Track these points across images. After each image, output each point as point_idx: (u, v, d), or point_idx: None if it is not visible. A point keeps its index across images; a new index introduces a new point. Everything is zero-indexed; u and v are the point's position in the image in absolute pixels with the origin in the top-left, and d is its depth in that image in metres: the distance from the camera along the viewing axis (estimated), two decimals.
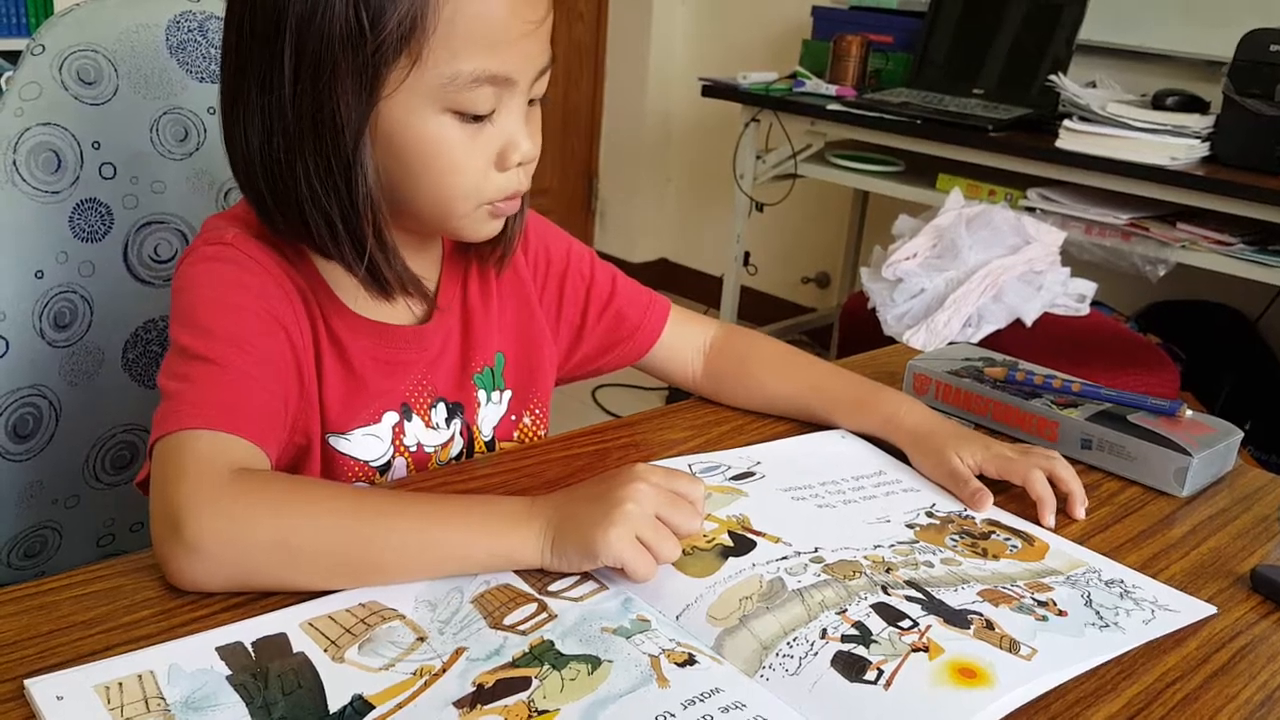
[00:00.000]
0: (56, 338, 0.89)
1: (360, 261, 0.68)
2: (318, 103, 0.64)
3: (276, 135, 0.66)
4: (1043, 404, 0.89)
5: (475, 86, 0.65)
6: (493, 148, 0.68)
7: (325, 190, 0.66)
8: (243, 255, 0.70)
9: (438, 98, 0.65)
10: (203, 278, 0.69)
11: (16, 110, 0.85)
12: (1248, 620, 0.67)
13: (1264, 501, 0.83)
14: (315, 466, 0.74)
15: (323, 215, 0.67)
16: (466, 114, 0.66)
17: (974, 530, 0.72)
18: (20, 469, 0.90)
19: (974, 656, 0.56)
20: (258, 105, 0.66)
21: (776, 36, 3.09)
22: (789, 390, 0.90)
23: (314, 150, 0.65)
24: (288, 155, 0.66)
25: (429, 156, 0.67)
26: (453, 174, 0.67)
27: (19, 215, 0.85)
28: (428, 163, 0.67)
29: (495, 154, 0.68)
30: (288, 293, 0.71)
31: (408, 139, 0.66)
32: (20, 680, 0.52)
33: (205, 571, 0.58)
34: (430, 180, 0.68)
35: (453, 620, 0.57)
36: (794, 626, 0.57)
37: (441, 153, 0.67)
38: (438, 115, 0.65)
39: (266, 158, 0.67)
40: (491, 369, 0.82)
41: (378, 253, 0.68)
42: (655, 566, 0.61)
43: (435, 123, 0.66)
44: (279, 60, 0.64)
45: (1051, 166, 2.15)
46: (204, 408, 0.62)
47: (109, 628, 0.57)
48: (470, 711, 0.51)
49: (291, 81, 0.64)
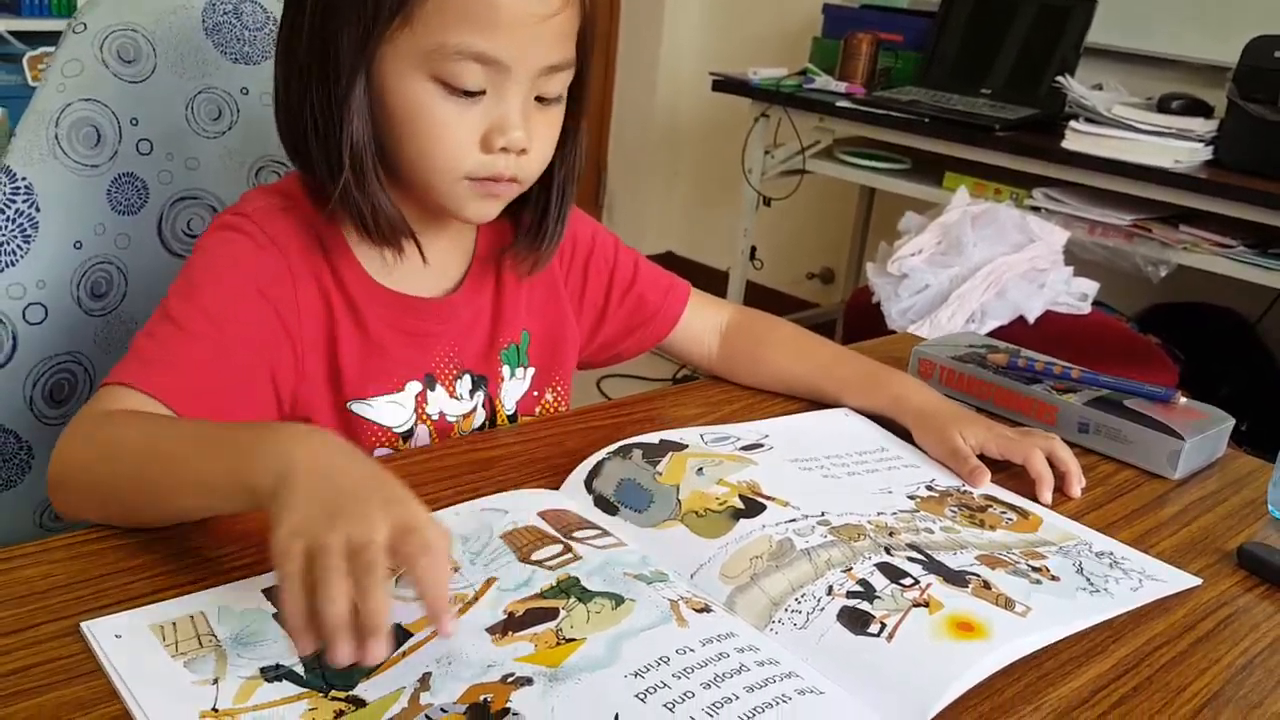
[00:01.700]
0: (93, 306, 0.92)
1: (346, 204, 0.71)
2: (323, 47, 0.69)
3: (294, 77, 0.71)
4: (1043, 389, 0.93)
5: (459, 60, 0.68)
6: (480, 127, 0.70)
7: (321, 131, 0.71)
8: (255, 228, 0.74)
9: (424, 63, 0.68)
10: (207, 247, 0.74)
11: (59, 86, 0.89)
12: (1233, 593, 0.70)
13: (1253, 485, 0.86)
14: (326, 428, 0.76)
15: (322, 155, 0.71)
16: (453, 87, 0.69)
17: (972, 504, 0.76)
18: (55, 433, 0.93)
19: (972, 612, 0.59)
20: (285, 49, 0.72)
21: (787, 33, 3.12)
22: (800, 371, 0.93)
23: (318, 91, 0.70)
24: (299, 96, 0.71)
25: (410, 119, 0.70)
26: (431, 141, 0.70)
27: (60, 187, 0.89)
28: (408, 125, 0.70)
29: (482, 133, 0.71)
30: (294, 269, 0.74)
31: (394, 98, 0.70)
32: (75, 619, 0.55)
33: (58, 502, 0.65)
34: (411, 144, 0.71)
35: (483, 553, 0.61)
36: (802, 583, 0.61)
37: (421, 117, 0.70)
38: (423, 81, 0.69)
39: (285, 98, 0.73)
40: (517, 346, 0.86)
41: (357, 193, 0.71)
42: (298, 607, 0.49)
43: (420, 88, 0.69)
44: (304, 6, 0.70)
45: (1057, 167, 2.18)
46: (148, 370, 0.67)
47: (156, 573, 0.60)
48: (502, 637, 0.54)
49: (307, 27, 0.70)
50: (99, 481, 0.63)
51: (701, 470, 0.72)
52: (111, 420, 0.65)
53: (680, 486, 0.71)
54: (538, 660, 0.53)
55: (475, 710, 0.49)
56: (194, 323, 0.69)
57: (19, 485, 0.93)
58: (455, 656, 0.53)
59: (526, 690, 0.51)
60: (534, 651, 0.54)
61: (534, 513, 0.67)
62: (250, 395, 0.71)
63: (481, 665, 0.52)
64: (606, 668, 0.53)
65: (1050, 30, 2.40)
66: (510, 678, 0.52)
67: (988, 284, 2.03)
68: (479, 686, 0.51)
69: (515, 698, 0.50)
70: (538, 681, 0.51)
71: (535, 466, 0.77)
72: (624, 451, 0.75)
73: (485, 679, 0.52)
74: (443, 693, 0.51)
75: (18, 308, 0.88)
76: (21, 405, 0.90)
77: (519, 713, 0.49)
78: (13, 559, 0.60)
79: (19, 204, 0.87)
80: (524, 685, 0.51)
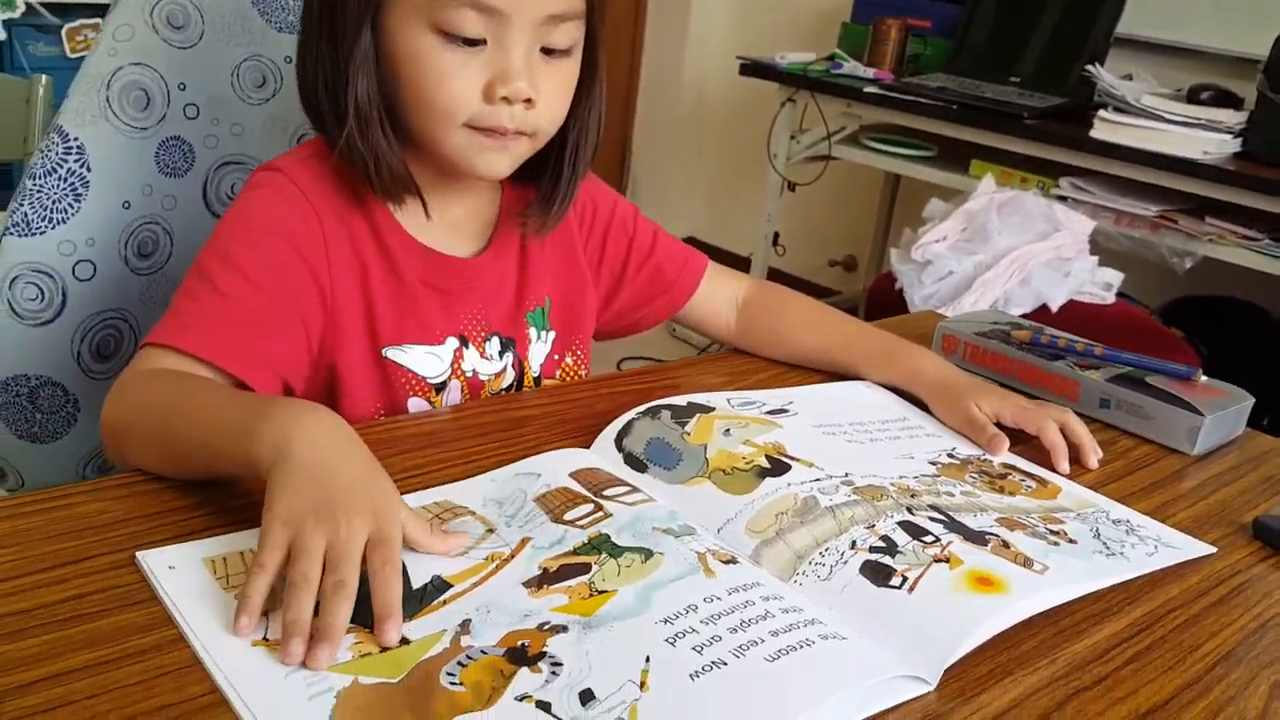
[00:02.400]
0: (139, 265, 0.95)
1: (350, 155, 0.74)
2: (331, 7, 0.73)
3: (308, 38, 0.75)
4: (1065, 365, 0.94)
5: (457, 8, 0.70)
6: (483, 77, 0.72)
7: (330, 86, 0.74)
8: (285, 181, 0.77)
9: (425, 14, 0.71)
10: (242, 205, 0.77)
11: (110, 50, 0.91)
12: (1247, 562, 0.72)
13: (1271, 463, 0.88)
14: (361, 377, 0.79)
15: (331, 108, 0.75)
16: (453, 35, 0.71)
17: (991, 471, 0.77)
18: (101, 387, 0.97)
19: (991, 568, 0.61)
20: (303, 12, 0.76)
21: (816, 18, 3.12)
22: (819, 343, 0.95)
23: (326, 49, 0.74)
24: (313, 54, 0.75)
25: (413, 70, 0.72)
26: (432, 90, 0.72)
27: (110, 148, 0.91)
28: (412, 76, 0.73)
29: (484, 83, 0.72)
30: (324, 220, 0.77)
31: (399, 51, 0.72)
32: (129, 551, 0.58)
33: (109, 455, 0.69)
34: (414, 95, 0.73)
35: (518, 515, 0.63)
36: (826, 538, 0.63)
37: (424, 67, 0.72)
38: (426, 32, 0.71)
39: (300, 56, 0.76)
40: (542, 309, 0.88)
41: (361, 144, 0.74)
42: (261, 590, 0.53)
43: (423, 39, 0.71)
44: None
45: (1084, 156, 2.18)
46: (186, 328, 0.70)
47: (208, 512, 0.63)
48: (538, 590, 0.57)
49: None
50: (137, 439, 0.67)
51: (729, 431, 0.74)
52: (146, 381, 0.69)
53: (708, 446, 0.73)
54: (572, 610, 0.55)
55: (513, 653, 0.52)
56: (229, 280, 0.72)
57: (64, 437, 0.96)
58: (494, 606, 0.55)
59: (562, 636, 0.53)
60: (568, 602, 0.56)
61: (566, 473, 0.69)
62: (283, 347, 0.74)
63: (519, 614, 0.55)
64: (638, 616, 0.55)
65: (1081, 19, 2.40)
66: (546, 625, 0.54)
67: (1012, 271, 2.03)
68: (516, 633, 0.54)
69: (551, 643, 0.53)
70: (572, 629, 0.54)
71: (566, 427, 0.79)
72: (653, 412, 0.77)
73: (522, 626, 0.54)
74: (482, 637, 0.53)
75: (68, 264, 0.91)
76: (69, 359, 0.94)
77: (556, 656, 0.52)
78: (69, 495, 0.63)
79: (70, 163, 0.90)
80: (559, 632, 0.54)
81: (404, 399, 0.80)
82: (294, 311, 0.75)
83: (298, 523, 0.55)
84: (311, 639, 0.51)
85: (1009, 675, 0.56)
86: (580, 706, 0.49)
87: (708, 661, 0.52)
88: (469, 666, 0.51)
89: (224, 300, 0.72)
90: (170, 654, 0.51)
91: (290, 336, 0.74)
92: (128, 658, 0.50)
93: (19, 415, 0.93)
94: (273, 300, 0.73)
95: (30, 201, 0.89)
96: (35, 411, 0.94)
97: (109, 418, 0.68)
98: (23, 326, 0.90)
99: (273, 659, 0.50)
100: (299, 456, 0.57)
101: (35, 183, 0.89)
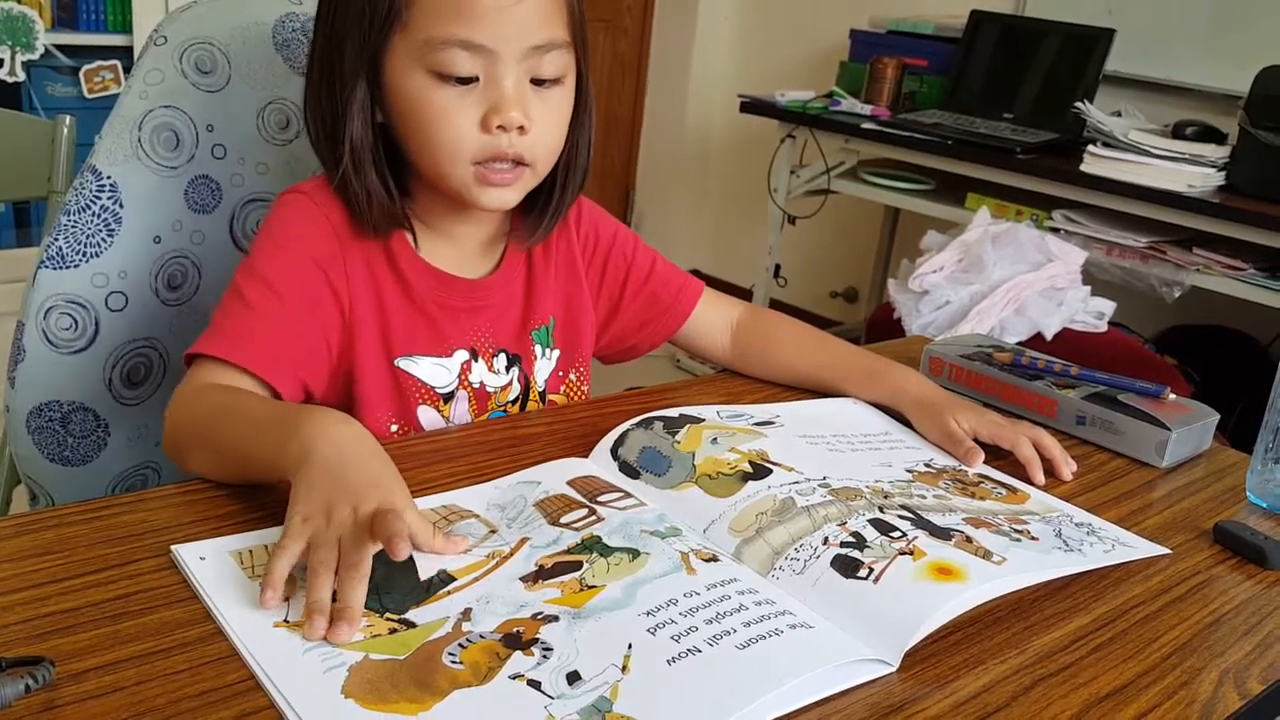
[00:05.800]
0: (169, 297, 1.02)
1: (345, 191, 0.82)
2: (330, 60, 0.80)
3: (310, 87, 0.83)
4: (1044, 385, 0.99)
5: (446, 49, 0.76)
6: (478, 110, 0.78)
7: (329, 131, 0.81)
8: (307, 201, 0.84)
9: (420, 59, 0.78)
10: (268, 223, 0.84)
11: (141, 93, 0.98)
12: (1207, 564, 0.77)
13: (1235, 474, 0.93)
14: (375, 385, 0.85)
15: (329, 151, 0.82)
16: (447, 75, 0.77)
17: (965, 479, 0.82)
18: (130, 413, 1.03)
19: (951, 559, 0.66)
20: (307, 65, 0.84)
21: (815, 57, 3.21)
22: (808, 365, 1.00)
23: (325, 98, 0.81)
24: (314, 101, 0.82)
25: (414, 112, 0.79)
26: (435, 129, 0.79)
27: (142, 186, 0.98)
28: (414, 118, 0.79)
29: (480, 115, 0.78)
30: (342, 239, 0.83)
31: (400, 96, 0.79)
32: (168, 549, 0.63)
33: (169, 456, 0.76)
34: (418, 135, 0.80)
35: (518, 519, 0.68)
36: (801, 535, 0.68)
37: (423, 108, 0.78)
38: (422, 76, 0.78)
39: (305, 103, 0.84)
40: (547, 328, 0.94)
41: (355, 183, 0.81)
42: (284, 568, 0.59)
43: (421, 83, 0.78)
44: (324, 22, 0.81)
45: (1076, 189, 2.25)
46: (225, 341, 0.78)
47: (242, 520, 0.68)
48: (533, 585, 0.62)
49: (319, 43, 0.82)
50: (191, 447, 0.74)
51: (716, 440, 0.80)
52: (196, 395, 0.76)
53: (696, 454, 0.78)
54: (563, 602, 0.61)
55: (509, 638, 0.57)
56: (260, 296, 0.79)
57: (94, 461, 1.02)
58: (493, 597, 0.61)
59: (553, 625, 0.58)
60: (560, 595, 0.61)
61: (564, 481, 0.75)
62: (305, 353, 0.81)
63: (515, 605, 0.60)
64: (623, 608, 0.60)
65: (1072, 58, 2.47)
66: (539, 615, 0.59)
67: (1007, 301, 2.09)
68: (512, 621, 0.59)
69: (543, 631, 0.58)
70: (563, 619, 0.59)
71: (570, 443, 0.84)
72: (646, 423, 0.82)
73: (518, 615, 0.59)
74: (481, 624, 0.58)
75: (101, 295, 0.97)
76: (101, 386, 0.99)
77: (547, 642, 0.57)
78: (111, 506, 0.69)
79: (104, 200, 0.96)
80: (551, 622, 0.59)
81: (414, 407, 0.86)
82: (315, 321, 0.81)
83: (316, 514, 0.61)
84: (331, 620, 0.56)
85: (980, 664, 0.61)
86: (567, 685, 0.54)
87: (684, 649, 0.57)
88: (469, 648, 0.56)
89: (251, 311, 0.79)
90: (211, 645, 0.56)
91: (311, 344, 0.81)
92: (173, 649, 0.55)
93: (51, 439, 0.99)
94: (296, 310, 0.80)
95: (65, 236, 0.95)
96: (67, 435, 0.99)
97: (169, 425, 0.76)
98: (57, 354, 0.96)
99: (294, 637, 0.56)
100: (321, 457, 0.64)
101: (70, 219, 0.95)
